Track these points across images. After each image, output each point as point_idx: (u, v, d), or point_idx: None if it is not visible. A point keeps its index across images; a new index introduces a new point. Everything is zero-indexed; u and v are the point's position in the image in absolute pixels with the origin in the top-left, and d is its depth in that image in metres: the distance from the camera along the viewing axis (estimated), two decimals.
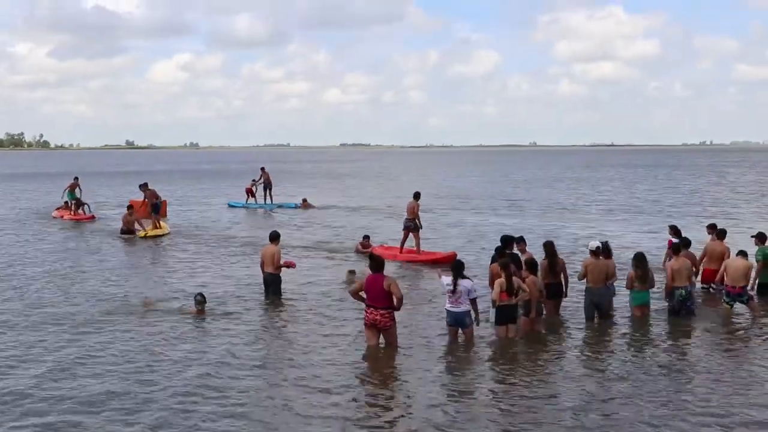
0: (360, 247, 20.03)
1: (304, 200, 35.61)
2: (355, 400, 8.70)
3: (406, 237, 19.31)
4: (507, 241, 12.64)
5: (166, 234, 24.00)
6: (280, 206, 35.01)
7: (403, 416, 8.20)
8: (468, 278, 10.90)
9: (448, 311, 10.93)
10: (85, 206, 30.28)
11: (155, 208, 25.28)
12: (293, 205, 35.10)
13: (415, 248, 19.06)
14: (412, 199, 19.53)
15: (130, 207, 25.01)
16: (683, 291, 12.25)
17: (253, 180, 36.97)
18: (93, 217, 29.34)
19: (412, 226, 19.13)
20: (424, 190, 24.37)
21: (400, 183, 60.10)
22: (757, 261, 13.51)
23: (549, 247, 12.54)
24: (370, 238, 20.33)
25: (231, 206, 36.01)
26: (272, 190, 36.25)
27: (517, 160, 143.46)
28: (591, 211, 33.86)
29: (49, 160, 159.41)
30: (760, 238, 13.79)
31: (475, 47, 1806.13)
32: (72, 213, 29.64)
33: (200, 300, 12.93)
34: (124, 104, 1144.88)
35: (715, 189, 49.09)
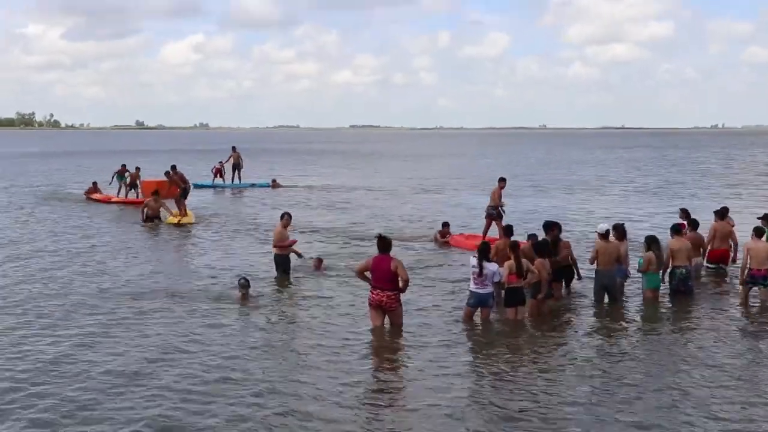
0: (438, 236, 18.46)
1: (274, 180, 36.23)
2: (360, 383, 8.67)
3: (488, 226, 17.86)
4: (549, 226, 12.46)
5: (193, 223, 22.11)
6: (252, 185, 35.15)
7: (409, 399, 8.18)
8: (494, 262, 10.96)
9: (472, 292, 10.94)
10: (136, 190, 28.36)
11: (185, 193, 23.12)
12: (266, 184, 35.50)
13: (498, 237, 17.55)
14: (496, 185, 18.25)
15: (155, 193, 22.95)
16: (683, 270, 12.40)
17: (221, 161, 36.73)
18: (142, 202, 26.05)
19: (495, 214, 17.86)
20: (446, 172, 24.01)
21: (427, 163, 59.96)
22: None
23: (556, 230, 12.49)
24: (450, 226, 18.69)
25: (197, 186, 35.63)
26: (241, 170, 36.18)
27: (532, 142, 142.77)
28: (615, 191, 33.97)
29: (62, 139, 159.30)
30: (767, 219, 14.02)
31: (487, 29, 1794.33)
32: (121, 197, 28.35)
33: (244, 284, 12.43)
34: (136, 85, 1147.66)
35: (743, 173, 48.64)
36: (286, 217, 14.51)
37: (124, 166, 30.84)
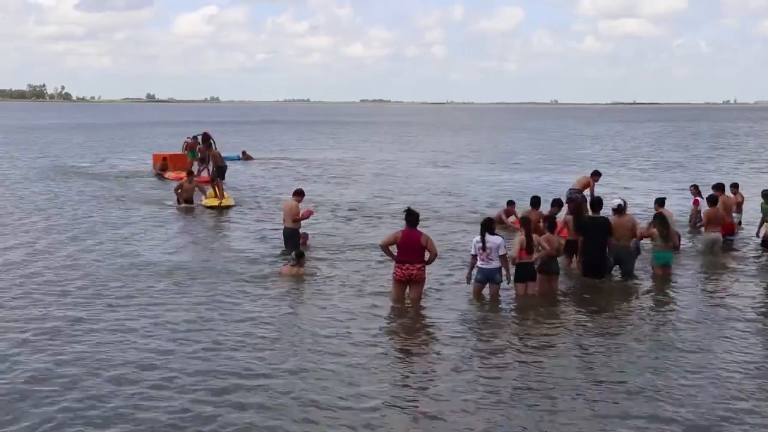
0: (504, 215, 16.79)
1: (244, 152, 36.07)
2: (382, 355, 8.73)
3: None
4: (597, 204, 12.46)
5: (234, 205, 20.35)
6: (226, 158, 34.07)
7: (425, 376, 8.24)
8: (497, 235, 10.91)
9: (479, 268, 10.86)
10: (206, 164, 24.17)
11: (221, 172, 21.05)
12: (236, 157, 34.65)
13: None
14: (587, 175, 17.41)
15: (190, 173, 21.35)
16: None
17: (189, 136, 35.77)
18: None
19: (579, 198, 16.48)
20: (468, 147, 23.66)
21: (444, 137, 59.73)
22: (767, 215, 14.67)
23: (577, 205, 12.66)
24: (515, 204, 17.14)
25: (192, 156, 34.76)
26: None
27: (545, 118, 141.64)
28: (636, 167, 34.26)
29: (78, 111, 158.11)
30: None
31: (500, 3, 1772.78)
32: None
33: (300, 253, 12.48)
34: (147, 57, 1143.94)
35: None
36: (299, 193, 14.55)
37: (195, 139, 27.43)
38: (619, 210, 12.23)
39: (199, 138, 33.91)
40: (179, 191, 20.22)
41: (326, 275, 12.41)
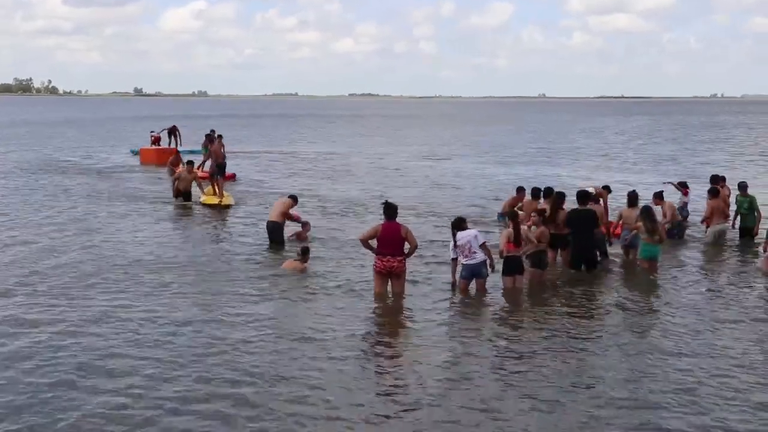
0: (511, 204, 15.57)
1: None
2: (363, 352, 8.77)
3: None
4: (584, 196, 12.59)
5: (233, 205, 19.45)
6: (191, 152, 32.65)
7: (411, 371, 8.25)
8: (468, 229, 10.88)
9: (463, 265, 10.82)
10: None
11: (221, 169, 20.03)
12: (207, 150, 34.03)
13: None
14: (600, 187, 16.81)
15: (190, 163, 20.55)
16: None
17: (152, 131, 35.79)
18: (233, 176, 23.87)
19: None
20: (459, 140, 23.86)
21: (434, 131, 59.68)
22: (741, 207, 14.91)
23: (556, 198, 12.70)
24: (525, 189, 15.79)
25: (134, 153, 34.53)
26: (180, 137, 34.98)
27: (532, 112, 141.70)
28: (630, 160, 34.53)
29: (69, 105, 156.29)
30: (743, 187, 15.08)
31: None
32: (205, 170, 22.43)
33: (306, 249, 12.49)
34: (135, 52, 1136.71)
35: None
36: (294, 198, 14.81)
37: (213, 132, 26.63)
38: (632, 201, 12.90)
39: (166, 132, 34.15)
40: (176, 181, 19.91)
41: (315, 271, 12.36)
